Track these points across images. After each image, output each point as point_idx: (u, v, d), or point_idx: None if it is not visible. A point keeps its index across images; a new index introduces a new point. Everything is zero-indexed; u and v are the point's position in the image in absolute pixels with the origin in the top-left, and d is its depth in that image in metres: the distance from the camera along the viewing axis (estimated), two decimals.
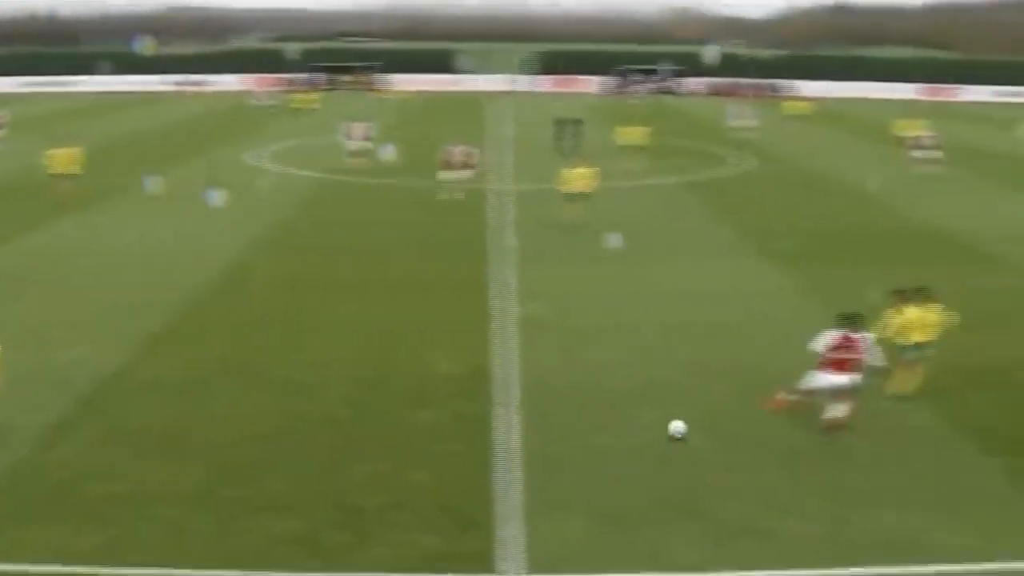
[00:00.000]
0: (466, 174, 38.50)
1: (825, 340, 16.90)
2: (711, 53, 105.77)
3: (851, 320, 16.97)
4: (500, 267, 28.06)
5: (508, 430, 16.85)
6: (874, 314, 18.00)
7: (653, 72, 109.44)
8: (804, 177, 47.43)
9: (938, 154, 48.63)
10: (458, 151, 38.83)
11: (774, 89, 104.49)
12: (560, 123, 54.68)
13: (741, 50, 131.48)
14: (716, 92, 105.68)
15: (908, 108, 74.24)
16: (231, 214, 35.20)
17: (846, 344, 16.78)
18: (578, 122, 55.08)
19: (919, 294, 18.28)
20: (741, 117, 65.64)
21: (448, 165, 38.45)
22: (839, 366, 16.69)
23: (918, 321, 17.96)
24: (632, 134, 50.40)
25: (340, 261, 28.95)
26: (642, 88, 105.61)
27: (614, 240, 30.06)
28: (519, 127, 67.24)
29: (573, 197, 32.59)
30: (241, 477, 15.02)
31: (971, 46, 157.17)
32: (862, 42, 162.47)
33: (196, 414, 17.48)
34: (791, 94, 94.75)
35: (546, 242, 31.34)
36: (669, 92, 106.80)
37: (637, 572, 12.64)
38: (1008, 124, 72.61)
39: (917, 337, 18.00)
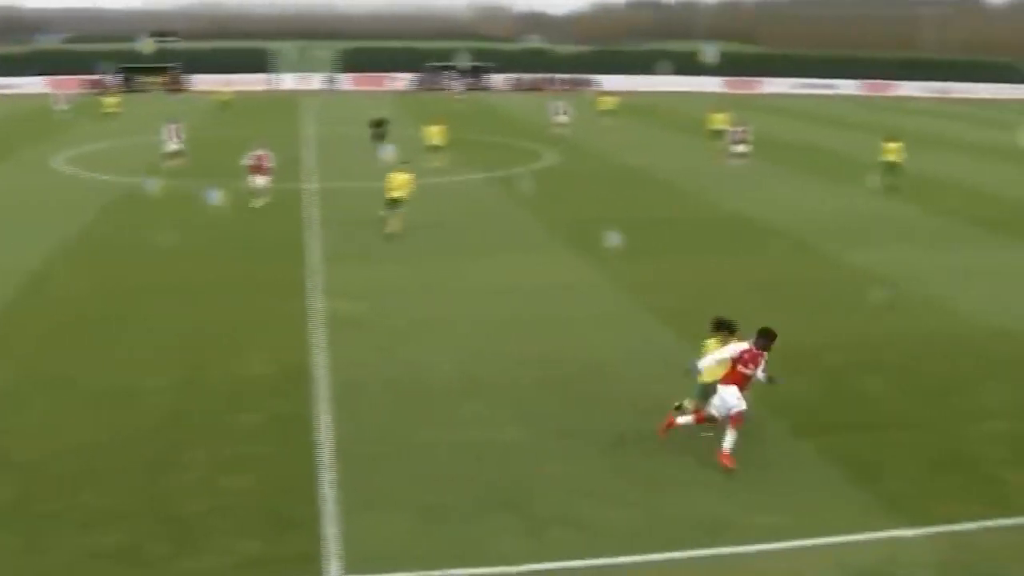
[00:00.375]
0: (267, 179, 37.70)
1: (735, 350, 15.91)
2: (710, 52, 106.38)
3: (767, 338, 15.86)
4: (315, 267, 27.91)
5: (326, 430, 16.84)
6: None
7: (462, 68, 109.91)
8: (618, 171, 48.30)
9: (748, 147, 50.12)
10: (262, 155, 37.73)
11: (587, 84, 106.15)
12: (376, 123, 54.45)
13: (547, 45, 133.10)
14: (525, 88, 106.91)
15: (719, 101, 75.95)
16: (36, 219, 34.12)
17: (754, 359, 15.84)
18: (384, 121, 54.90)
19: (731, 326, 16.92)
20: (556, 112, 66.39)
21: (256, 170, 37.44)
22: (742, 383, 15.84)
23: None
24: (437, 132, 50.31)
25: (150, 265, 28.31)
26: (456, 84, 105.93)
27: (613, 239, 30.16)
28: (332, 126, 66.71)
29: (394, 202, 32.46)
30: (54, 491, 14.62)
31: (772, 40, 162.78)
32: (663, 37, 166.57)
33: (3, 428, 16.94)
34: (602, 89, 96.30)
35: (361, 241, 31.26)
36: (481, 88, 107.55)
37: (458, 567, 12.79)
38: (801, 115, 75.15)
39: None
